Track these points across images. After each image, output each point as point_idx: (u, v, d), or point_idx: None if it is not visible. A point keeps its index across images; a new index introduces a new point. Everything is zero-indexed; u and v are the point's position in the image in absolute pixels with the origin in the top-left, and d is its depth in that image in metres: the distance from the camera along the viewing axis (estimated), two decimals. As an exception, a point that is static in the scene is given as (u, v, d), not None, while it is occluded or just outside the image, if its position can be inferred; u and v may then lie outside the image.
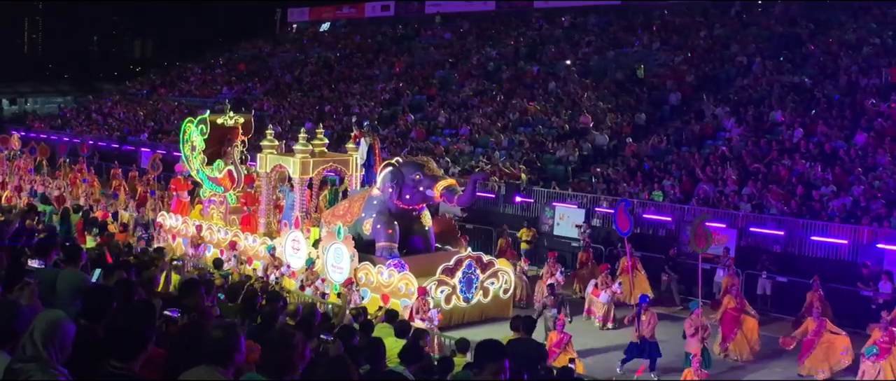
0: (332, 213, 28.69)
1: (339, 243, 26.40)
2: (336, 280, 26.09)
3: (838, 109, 38.28)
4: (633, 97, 45.81)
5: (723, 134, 39.47)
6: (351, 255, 26.04)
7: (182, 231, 32.78)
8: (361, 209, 27.42)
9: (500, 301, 27.10)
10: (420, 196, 26.57)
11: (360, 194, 28.54)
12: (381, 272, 25.72)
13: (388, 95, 56.74)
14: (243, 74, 71.39)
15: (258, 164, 31.05)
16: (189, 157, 32.77)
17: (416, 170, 26.43)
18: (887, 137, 34.78)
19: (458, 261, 26.14)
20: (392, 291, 25.39)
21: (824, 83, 41.25)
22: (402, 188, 26.30)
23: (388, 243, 26.50)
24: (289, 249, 28.30)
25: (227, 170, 31.38)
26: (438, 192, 26.13)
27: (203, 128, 31.98)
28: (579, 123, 43.83)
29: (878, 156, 33.50)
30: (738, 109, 41.00)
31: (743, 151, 36.49)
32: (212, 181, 32.13)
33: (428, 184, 26.20)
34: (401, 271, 25.39)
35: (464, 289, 26.12)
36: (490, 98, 51.00)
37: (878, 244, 28.44)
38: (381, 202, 26.95)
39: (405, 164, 27.25)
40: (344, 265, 26.17)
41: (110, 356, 6.66)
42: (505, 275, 27.26)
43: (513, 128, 45.76)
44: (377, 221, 26.78)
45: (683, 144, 39.49)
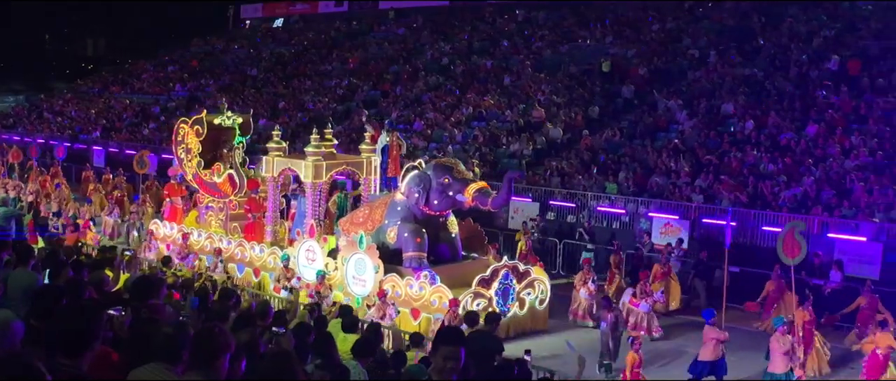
0: (350, 220, 26.53)
1: (361, 254, 24.54)
2: (358, 293, 24.37)
3: (789, 101, 38.59)
4: (586, 91, 45.94)
5: (675, 126, 39.72)
6: (375, 266, 24.20)
7: (178, 241, 30.08)
8: (384, 216, 25.31)
9: (537, 313, 25.34)
10: (449, 201, 24.56)
11: (380, 199, 26.52)
12: (411, 285, 23.84)
13: (342, 90, 56.60)
14: (196, 70, 70.92)
15: (264, 167, 28.86)
16: (183, 160, 30.63)
17: (444, 173, 24.33)
18: (837, 128, 35.13)
19: (494, 271, 24.14)
20: (423, 305, 23.58)
21: (775, 75, 41.56)
22: (430, 193, 24.32)
23: (416, 252, 24.38)
24: (303, 259, 26.20)
25: (227, 174, 29.44)
26: (470, 196, 23.97)
27: (199, 129, 29.87)
28: (533, 117, 43.89)
29: (828, 146, 33.82)
30: (691, 102, 41.29)
31: (695, 144, 36.77)
32: (209, 186, 30.11)
33: (458, 188, 24.12)
34: (433, 284, 23.57)
35: (500, 301, 24.09)
36: (444, 93, 50.99)
37: (829, 234, 28.69)
38: (405, 209, 24.89)
39: (432, 166, 25.01)
40: (367, 278, 24.34)
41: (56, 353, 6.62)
42: (541, 285, 25.40)
43: (467, 122, 45.77)
44: (403, 229, 24.66)
45: (636, 137, 39.68)
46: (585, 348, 22.82)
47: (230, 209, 29.88)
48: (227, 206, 29.88)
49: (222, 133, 30.22)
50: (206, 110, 31.36)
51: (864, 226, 28.45)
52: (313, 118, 50.66)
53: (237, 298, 16.51)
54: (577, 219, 33.86)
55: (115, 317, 9.04)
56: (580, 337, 23.74)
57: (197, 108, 60.40)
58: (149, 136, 56.88)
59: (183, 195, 33.30)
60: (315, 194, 27.16)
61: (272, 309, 15.71)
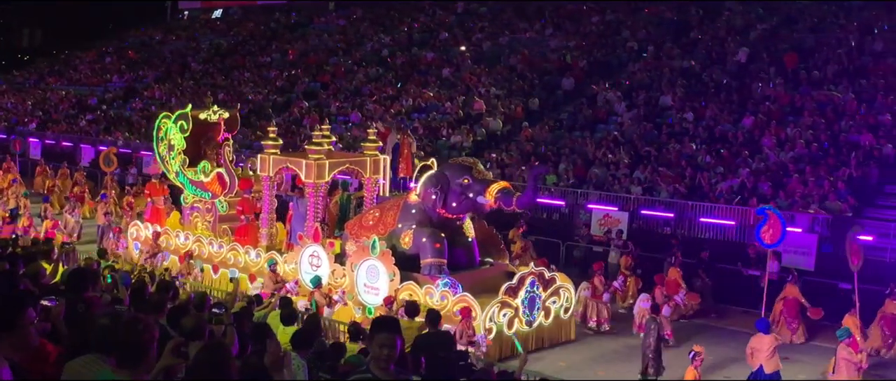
0: (358, 223, 24.47)
1: (373, 260, 22.68)
2: (371, 303, 22.52)
3: (726, 93, 38.98)
4: (526, 83, 46.08)
5: (615, 118, 39.99)
6: (390, 274, 22.35)
7: (162, 243, 28.29)
8: (397, 219, 23.42)
9: (561, 322, 23.62)
10: (469, 204, 22.63)
11: (391, 201, 24.62)
12: (431, 294, 21.80)
13: (282, 82, 56.30)
14: (134, 61, 70.26)
15: (259, 165, 26.79)
16: (165, 157, 28.49)
17: (463, 173, 22.55)
18: (773, 120, 35.53)
19: (521, 278, 22.31)
20: (445, 316, 20.90)
21: (713, 68, 41.94)
22: (448, 195, 22.52)
23: (436, 259, 22.45)
24: (306, 265, 24.34)
25: (215, 173, 27.32)
26: (492, 197, 22.09)
27: (184, 124, 27.78)
28: (473, 109, 43.97)
29: (764, 138, 34.20)
30: (630, 94, 41.57)
31: (634, 135, 37.01)
32: (196, 186, 27.92)
33: (479, 189, 22.28)
34: (456, 293, 21.62)
35: (527, 311, 22.39)
36: (384, 85, 50.93)
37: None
38: (421, 211, 23.05)
39: (450, 166, 23.41)
40: (380, 286, 22.44)
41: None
42: (566, 292, 23.60)
43: (406, 114, 45.73)
44: (420, 233, 22.77)
45: (576, 129, 39.88)
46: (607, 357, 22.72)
47: (218, 211, 27.95)
48: (215, 207, 27.89)
49: (207, 129, 28.43)
50: (191, 105, 29.44)
51: (800, 217, 28.80)
52: (253, 110, 50.42)
53: (175, 290, 16.38)
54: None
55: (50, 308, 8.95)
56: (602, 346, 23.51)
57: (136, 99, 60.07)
58: (86, 128, 56.21)
59: (165, 195, 31.97)
60: (317, 195, 25.44)
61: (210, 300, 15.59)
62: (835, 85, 37.40)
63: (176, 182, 28.81)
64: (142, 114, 56.16)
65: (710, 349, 20.81)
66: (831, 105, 35.79)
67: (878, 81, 36.93)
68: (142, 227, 29.48)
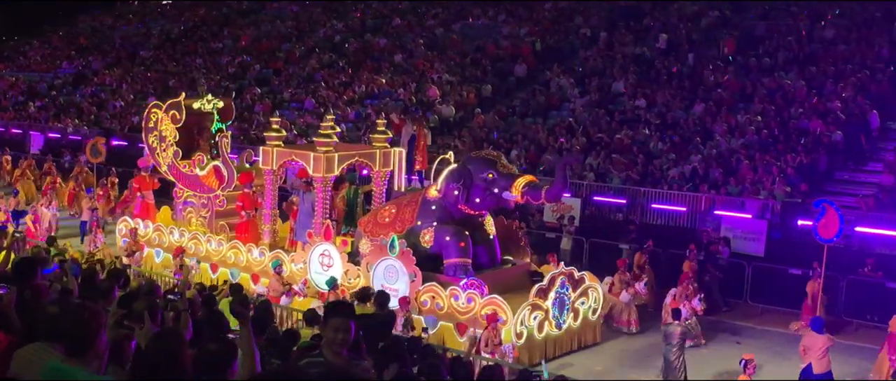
0: (373, 220, 23.23)
1: (392, 260, 21.53)
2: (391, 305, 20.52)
3: (678, 80, 39.17)
4: (479, 69, 46.06)
5: (568, 105, 40.07)
6: (410, 275, 21.26)
7: (155, 241, 27.35)
8: (416, 216, 22.27)
9: (589, 324, 22.70)
10: (493, 200, 21.62)
11: (407, 197, 23.59)
12: (455, 296, 20.75)
13: (234, 68, 55.92)
14: (84, 47, 69.52)
15: (260, 158, 25.40)
16: (156, 149, 27.22)
17: (487, 167, 21.43)
18: (724, 106, 35.77)
19: (551, 278, 21.29)
20: (471, 319, 20.46)
21: (664, 55, 42.10)
22: (471, 190, 21.44)
23: (461, 259, 21.35)
24: (316, 265, 23.17)
25: (212, 166, 26.06)
26: (519, 192, 21.06)
27: (176, 114, 26.50)
28: (426, 95, 43.92)
29: (715, 125, 34.42)
30: (583, 80, 41.65)
31: (587, 122, 37.12)
32: (190, 180, 26.80)
33: (504, 184, 21.18)
34: (484, 295, 20.51)
35: (556, 313, 21.37)
36: (337, 71, 50.73)
37: (716, 211, 29.21)
38: (441, 208, 21.93)
39: (472, 160, 22.15)
40: (400, 287, 21.23)
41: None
42: (594, 292, 22.70)
43: (359, 101, 45.61)
44: (443, 231, 21.63)
45: (529, 116, 39.94)
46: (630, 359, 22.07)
47: (216, 206, 26.63)
48: (211, 202, 26.60)
49: (201, 119, 27.30)
50: (185, 94, 28.29)
51: (750, 203, 29.03)
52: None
53: (126, 278, 16.26)
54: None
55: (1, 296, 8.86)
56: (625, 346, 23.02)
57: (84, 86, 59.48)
58: (35, 114, 55.61)
59: (155, 189, 30.70)
60: (326, 189, 24.23)
61: (159, 288, 15.49)
62: (785, 72, 37.66)
63: (168, 176, 27.61)
64: (92, 100, 55.64)
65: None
66: (781, 92, 36.04)
67: (827, 68, 37.20)
68: (131, 223, 27.95)
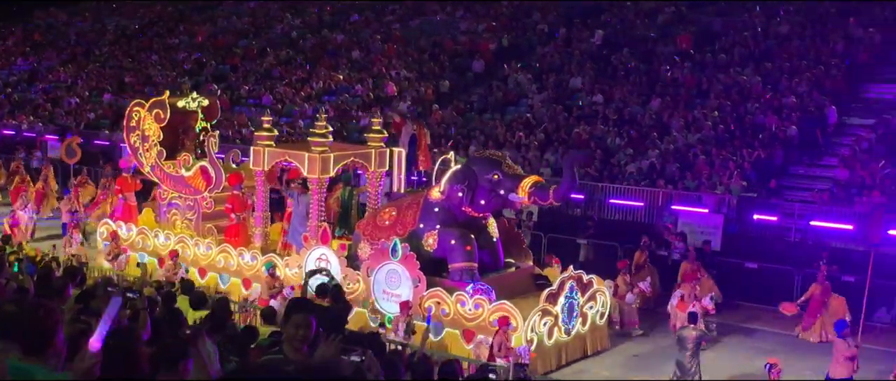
0: (372, 223, 22.50)
1: (394, 264, 20.85)
2: (390, 311, 20.77)
3: (635, 76, 39.35)
4: (437, 65, 46.05)
5: (525, 101, 40.13)
6: (414, 279, 20.57)
7: (138, 244, 26.38)
8: (417, 219, 21.53)
9: (597, 329, 22.14)
10: (499, 201, 21.04)
11: (408, 198, 22.90)
12: (462, 302, 20.12)
13: (191, 65, 55.56)
14: (38, 44, 68.84)
15: (252, 159, 24.33)
16: (139, 149, 26.23)
17: (492, 168, 20.74)
18: (681, 102, 35.98)
19: (561, 282, 20.82)
20: (480, 326, 19.88)
21: (622, 51, 42.25)
22: (476, 192, 20.70)
23: (466, 263, 20.67)
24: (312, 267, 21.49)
25: (198, 167, 25.07)
26: (526, 193, 20.34)
27: (160, 113, 25.55)
28: (384, 91, 43.86)
29: (672, 120, 34.60)
30: (541, 76, 41.74)
31: (545, 117, 37.21)
32: (175, 181, 25.74)
33: (510, 185, 20.51)
34: (493, 301, 19.88)
35: (565, 318, 20.87)
36: (294, 67, 50.54)
37: (673, 206, 29.37)
38: (444, 210, 21.19)
39: (476, 161, 21.63)
40: (402, 292, 20.66)
41: None
42: (602, 296, 22.12)
43: (317, 97, 45.47)
44: (448, 234, 20.90)
45: (487, 111, 39.99)
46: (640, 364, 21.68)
47: (202, 208, 25.64)
48: (198, 204, 25.63)
49: (186, 118, 26.27)
50: (169, 91, 27.30)
51: (707, 198, 29.20)
52: (161, 94, 49.70)
53: (83, 276, 16.14)
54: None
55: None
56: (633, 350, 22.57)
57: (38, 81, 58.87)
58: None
59: (137, 190, 29.37)
60: (321, 191, 23.44)
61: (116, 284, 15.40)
62: (741, 68, 37.91)
63: (152, 177, 26.60)
64: (46, 97, 55.10)
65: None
66: (737, 88, 36.28)
67: (783, 63, 37.51)
68: (112, 225, 27.02)
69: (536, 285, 21.58)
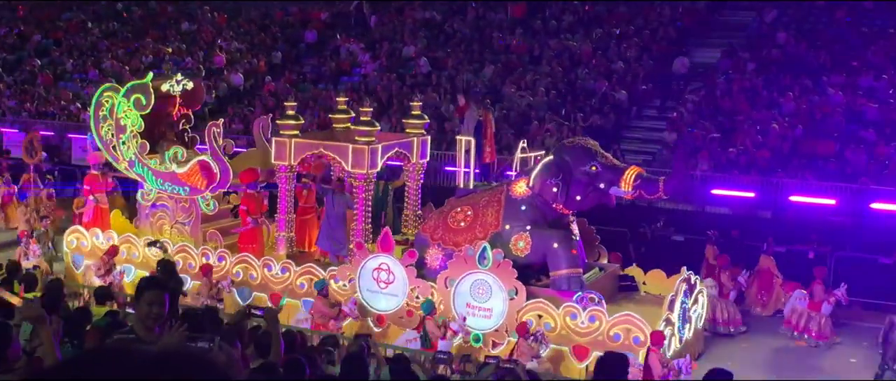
0: (441, 225, 19.57)
1: (483, 273, 18.02)
2: (479, 328, 18.12)
3: (467, 44, 39.52)
4: (268, 36, 45.49)
5: (358, 70, 39.97)
6: (509, 291, 17.87)
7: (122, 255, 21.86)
8: (501, 218, 18.86)
9: (697, 333, 19.91)
10: (597, 196, 18.60)
11: (484, 195, 19.74)
12: (572, 314, 17.61)
13: (12, 39, 53.62)
14: None
15: (274, 152, 20.86)
16: (112, 142, 22.03)
17: (588, 158, 18.39)
18: (514, 69, 36.30)
19: (677, 288, 18.49)
20: (595, 341, 17.38)
21: (454, 18, 42.37)
22: (571, 186, 18.38)
23: (572, 269, 18.29)
24: (368, 281, 19.18)
25: (196, 161, 21.19)
26: (630, 185, 18.12)
27: (141, 99, 21.34)
28: (214, 63, 43.15)
29: (505, 87, 34.89)
30: (374, 46, 41.59)
31: (378, 87, 37.11)
32: (165, 179, 21.74)
33: (610, 177, 18.28)
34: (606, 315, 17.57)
35: (680, 326, 18.53)
36: (121, 40, 49.26)
37: (507, 172, 29.57)
38: (533, 208, 18.74)
39: (568, 150, 18.91)
40: (494, 306, 17.95)
41: None
42: (701, 297, 20.00)
43: (145, 70, 44.32)
44: (547, 237, 18.47)
45: (320, 82, 39.71)
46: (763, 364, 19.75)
47: (200, 210, 21.82)
48: (195, 205, 21.76)
49: (165, 104, 22.60)
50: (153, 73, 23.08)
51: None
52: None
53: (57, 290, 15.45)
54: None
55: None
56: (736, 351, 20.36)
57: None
58: None
59: (108, 190, 25.12)
60: (368, 189, 20.35)
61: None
62: (571, 34, 38.40)
63: (130, 174, 22.42)
64: None
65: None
66: (568, 54, 36.74)
67: (611, 29, 38.12)
68: (85, 234, 22.82)
69: (620, 287, 19.97)
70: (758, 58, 34.78)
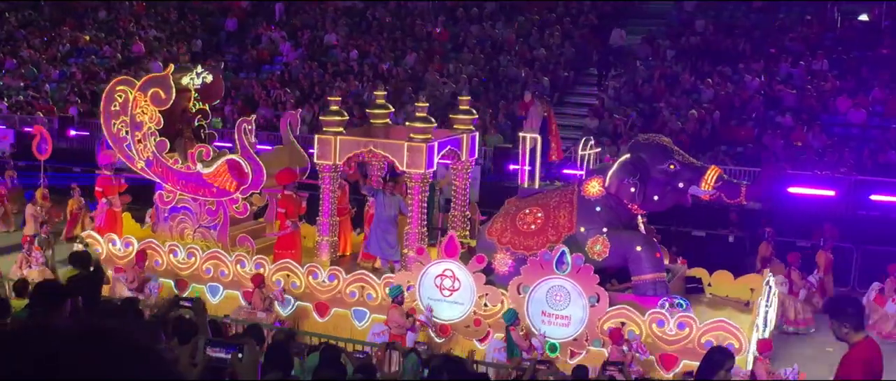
0: (509, 227, 18.27)
1: (561, 279, 16.89)
2: (556, 337, 16.98)
3: (389, 32, 39.45)
4: (188, 24, 45.00)
5: (280, 59, 39.73)
6: (590, 298, 16.82)
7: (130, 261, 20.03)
8: (574, 220, 17.78)
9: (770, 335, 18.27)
10: (675, 195, 17.73)
11: (553, 195, 18.49)
12: (659, 321, 16.50)
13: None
14: None
15: (317, 150, 19.22)
16: (127, 140, 20.25)
17: (666, 156, 17.55)
18: (436, 55, 36.30)
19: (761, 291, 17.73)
20: (684, 349, 16.32)
21: (375, 6, 42.27)
22: (648, 185, 17.51)
23: (656, 273, 17.30)
24: (430, 289, 17.85)
25: (224, 161, 19.62)
26: (711, 185, 17.29)
27: (160, 93, 19.66)
28: (133, 52, 42.60)
29: (427, 74, 34.89)
30: (295, 34, 41.35)
31: (300, 75, 36.94)
32: (189, 180, 20.05)
33: (690, 177, 17.44)
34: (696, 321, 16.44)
35: (761, 327, 17.49)
36: (38, 29, 48.42)
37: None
38: (608, 209, 17.73)
39: (644, 147, 17.93)
40: (573, 313, 16.85)
41: None
42: (774, 297, 19.08)
43: (63, 59, 43.74)
44: (629, 239, 17.54)
45: (242, 70, 39.39)
46: None
47: (229, 212, 20.01)
48: (223, 208, 20.03)
49: (182, 98, 20.65)
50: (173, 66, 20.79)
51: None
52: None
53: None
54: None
55: None
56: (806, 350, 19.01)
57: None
58: None
59: (121, 191, 22.73)
60: (424, 190, 18.79)
61: None
62: (494, 22, 38.49)
63: (147, 174, 20.58)
64: None
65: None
66: (490, 41, 36.84)
67: (533, 16, 38.27)
68: (99, 240, 20.74)
69: (687, 289, 18.90)
70: (677, 45, 35.20)
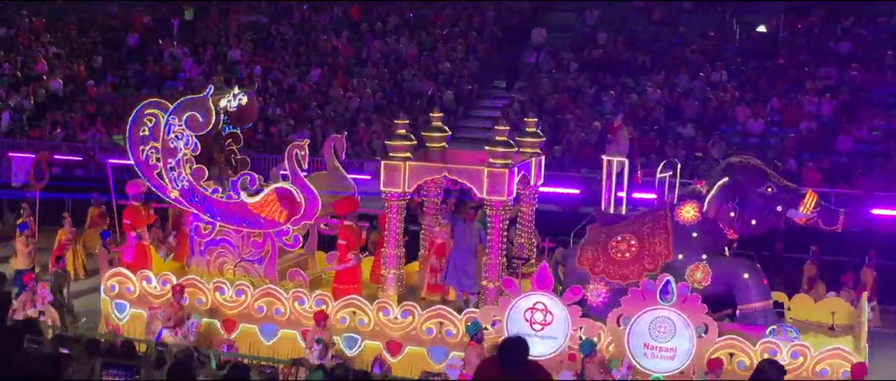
0: (601, 256, 17.57)
1: (666, 310, 16.19)
2: (660, 370, 16.27)
3: (293, 47, 39.34)
4: (89, 40, 44.33)
5: (183, 75, 39.38)
6: (698, 328, 16.17)
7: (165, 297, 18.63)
8: (671, 247, 17.20)
9: None
10: (772, 219, 17.29)
11: (645, 221, 17.89)
12: (770, 350, 15.82)
13: None
14: None
15: (382, 175, 17.96)
16: (157, 168, 18.94)
17: (762, 179, 17.15)
18: (339, 70, 36.32)
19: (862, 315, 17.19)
20: (795, 379, 15.58)
21: (280, 21, 42.09)
22: (745, 209, 17.07)
23: (764, 301, 16.85)
24: (520, 323, 16.78)
25: (272, 189, 18.55)
26: (810, 208, 16.90)
27: (197, 118, 18.48)
28: (34, 69, 41.82)
29: (332, 89, 34.89)
30: (198, 50, 40.99)
31: (204, 91, 36.69)
32: (231, 211, 18.84)
33: (787, 199, 17.07)
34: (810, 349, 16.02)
35: None
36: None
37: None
38: (704, 234, 17.26)
39: (739, 169, 17.45)
40: (679, 345, 16.14)
41: None
42: None
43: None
44: (733, 266, 17.15)
45: (144, 87, 38.93)
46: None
47: (279, 244, 18.88)
48: (271, 241, 18.88)
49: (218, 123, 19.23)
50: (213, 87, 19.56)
51: (368, 165, 29.55)
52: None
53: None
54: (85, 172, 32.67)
55: None
56: None
57: None
58: None
59: (150, 223, 21.25)
60: (505, 218, 17.84)
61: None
62: (397, 36, 38.55)
63: (183, 206, 19.31)
64: None
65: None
66: (394, 55, 36.92)
67: (437, 30, 38.43)
68: (131, 278, 19.34)
69: None
70: (580, 58, 35.59)
